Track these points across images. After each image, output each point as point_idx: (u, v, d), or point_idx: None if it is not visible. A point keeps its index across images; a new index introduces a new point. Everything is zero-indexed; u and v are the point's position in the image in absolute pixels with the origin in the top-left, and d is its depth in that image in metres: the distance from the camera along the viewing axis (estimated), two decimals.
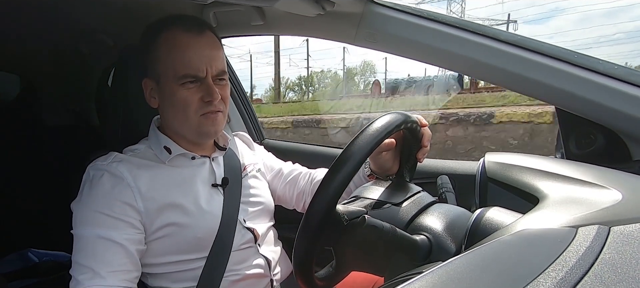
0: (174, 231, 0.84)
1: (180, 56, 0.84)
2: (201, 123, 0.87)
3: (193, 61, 0.84)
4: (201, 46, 0.85)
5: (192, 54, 0.84)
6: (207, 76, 0.85)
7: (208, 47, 0.86)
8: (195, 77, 0.84)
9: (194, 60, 0.84)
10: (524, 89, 0.88)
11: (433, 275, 0.38)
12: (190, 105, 0.85)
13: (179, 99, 0.85)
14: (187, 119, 0.87)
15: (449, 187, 0.78)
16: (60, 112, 1.90)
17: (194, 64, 0.84)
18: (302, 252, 0.59)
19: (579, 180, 0.56)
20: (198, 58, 0.84)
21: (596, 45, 26.78)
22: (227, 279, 0.88)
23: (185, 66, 0.84)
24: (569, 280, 0.33)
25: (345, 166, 0.58)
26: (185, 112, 0.86)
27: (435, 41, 0.90)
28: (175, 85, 0.85)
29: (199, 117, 0.86)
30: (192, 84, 0.85)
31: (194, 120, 0.86)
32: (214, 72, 0.86)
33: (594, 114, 0.81)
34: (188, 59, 0.84)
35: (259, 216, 0.98)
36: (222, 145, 0.99)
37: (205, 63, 0.84)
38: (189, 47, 0.84)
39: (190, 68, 0.84)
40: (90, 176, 0.84)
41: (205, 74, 0.85)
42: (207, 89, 0.85)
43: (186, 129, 0.89)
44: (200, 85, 0.85)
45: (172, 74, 0.84)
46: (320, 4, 0.92)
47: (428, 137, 0.83)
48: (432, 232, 0.63)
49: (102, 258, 0.76)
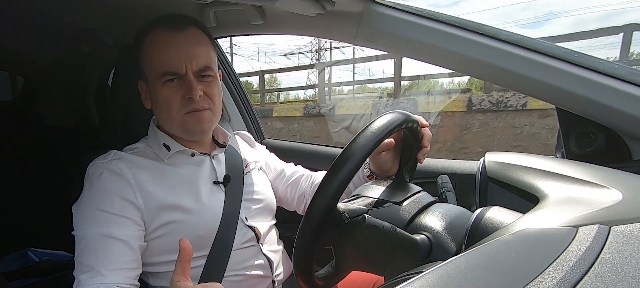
0: (174, 229, 0.84)
1: (159, 55, 0.84)
2: (186, 121, 0.87)
3: (172, 59, 0.84)
4: (180, 43, 0.85)
5: (171, 51, 0.84)
6: (187, 73, 0.84)
7: (188, 43, 0.85)
8: (174, 75, 0.84)
9: (172, 58, 0.84)
10: (524, 88, 0.88)
11: (433, 274, 0.38)
12: (173, 104, 0.85)
13: (162, 97, 0.85)
14: (171, 117, 0.87)
15: (449, 187, 0.78)
16: (60, 112, 1.90)
17: (173, 62, 0.84)
18: (303, 251, 0.59)
19: (579, 180, 0.56)
20: (177, 55, 0.84)
21: (591, 48, 26.80)
22: (227, 279, 0.88)
23: (165, 64, 0.84)
24: (569, 279, 0.33)
25: (345, 165, 0.58)
26: (168, 111, 0.86)
27: (436, 41, 0.90)
28: (158, 84, 0.85)
29: (182, 115, 0.86)
30: (172, 82, 0.84)
31: (177, 118, 0.86)
32: (195, 68, 0.85)
33: (595, 114, 0.81)
34: (167, 57, 0.84)
35: (260, 214, 0.98)
36: (222, 142, 0.99)
37: (185, 60, 0.84)
38: (167, 45, 0.84)
39: (169, 65, 0.84)
40: (90, 175, 0.84)
41: (184, 70, 0.84)
42: (188, 85, 0.84)
43: (173, 127, 0.89)
44: (182, 82, 0.85)
45: (155, 74, 0.85)
46: (321, 4, 0.92)
47: (428, 138, 0.83)
48: (432, 232, 0.63)
49: (104, 257, 0.76)
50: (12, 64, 1.79)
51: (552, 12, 56.83)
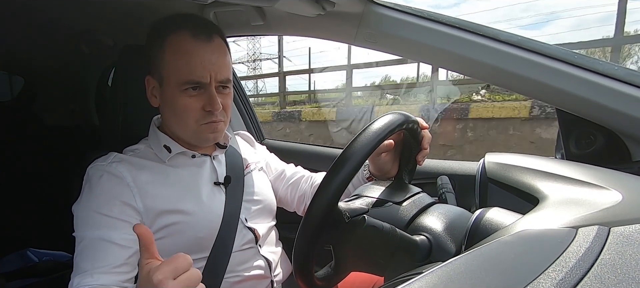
0: (174, 231, 0.84)
1: (185, 62, 0.82)
2: (201, 130, 0.86)
3: (198, 68, 0.82)
4: (208, 53, 0.83)
5: (198, 61, 0.82)
6: (210, 84, 0.83)
7: (214, 54, 0.84)
8: (198, 84, 0.83)
9: (198, 68, 0.82)
10: (524, 89, 0.88)
11: (433, 275, 0.38)
12: (191, 114, 0.84)
13: (180, 105, 0.84)
14: (186, 126, 0.86)
15: (449, 188, 0.78)
16: (60, 112, 1.90)
17: (198, 71, 0.82)
18: (302, 251, 0.59)
19: (579, 181, 0.56)
20: (203, 65, 0.82)
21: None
22: (227, 280, 0.88)
23: (190, 73, 0.82)
24: (569, 280, 0.33)
25: (346, 165, 0.59)
26: (185, 120, 0.85)
27: (435, 41, 0.90)
28: (177, 90, 0.83)
29: (199, 126, 0.86)
30: (194, 91, 0.84)
31: (193, 127, 0.86)
32: (218, 79, 0.84)
33: (594, 115, 0.81)
34: (193, 66, 0.82)
35: (260, 215, 0.98)
36: (223, 143, 0.99)
37: (210, 70, 0.83)
38: (195, 54, 0.82)
39: (193, 74, 0.82)
40: (90, 177, 0.83)
41: (208, 80, 0.83)
42: (209, 98, 0.83)
43: (185, 134, 0.89)
44: (203, 92, 0.84)
45: (175, 79, 0.83)
46: (321, 4, 0.92)
47: (428, 140, 0.83)
48: (432, 233, 0.63)
49: (101, 260, 0.76)
50: (12, 64, 1.79)
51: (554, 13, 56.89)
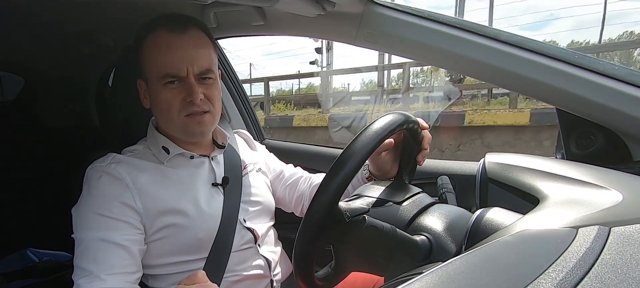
0: (173, 232, 0.84)
1: (161, 57, 0.84)
2: (186, 123, 0.86)
3: (173, 61, 0.83)
4: (182, 45, 0.84)
5: (173, 53, 0.83)
6: (188, 76, 0.84)
7: (190, 46, 0.85)
8: (175, 77, 0.84)
9: (174, 60, 0.83)
10: (524, 89, 0.88)
11: (433, 275, 0.38)
12: (173, 106, 0.85)
13: (162, 99, 0.85)
14: (171, 119, 0.86)
15: (449, 188, 0.78)
16: (61, 112, 1.90)
17: (175, 64, 0.83)
18: (303, 251, 0.59)
19: (580, 181, 0.56)
20: (178, 58, 0.83)
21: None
22: (227, 280, 0.88)
23: (166, 66, 0.83)
24: (569, 280, 0.33)
25: (346, 164, 0.59)
26: (168, 113, 0.86)
27: (435, 41, 0.90)
28: (159, 85, 0.84)
29: (183, 117, 0.86)
30: (173, 84, 0.84)
31: (177, 121, 0.86)
32: (196, 71, 0.85)
33: (595, 115, 0.81)
34: (169, 59, 0.83)
35: (259, 216, 0.98)
36: (221, 143, 0.99)
37: (186, 62, 0.83)
38: (169, 47, 0.84)
39: (170, 68, 0.83)
40: (89, 178, 0.83)
41: (186, 73, 0.84)
42: (189, 88, 0.84)
43: (173, 130, 0.89)
44: (183, 85, 0.84)
45: (155, 75, 0.85)
46: (321, 4, 0.92)
47: (428, 140, 0.83)
48: (432, 233, 0.63)
49: (103, 261, 0.76)
50: (12, 65, 1.79)
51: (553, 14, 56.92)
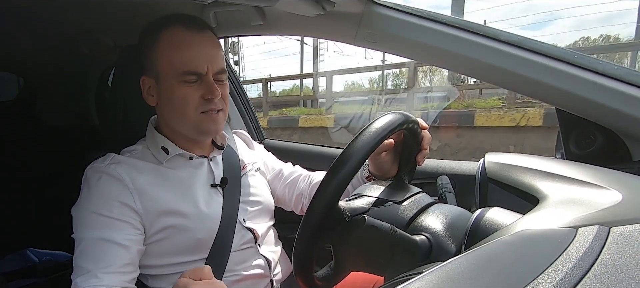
0: (173, 233, 0.84)
1: (181, 54, 0.84)
2: (201, 120, 0.87)
3: (194, 58, 0.84)
4: (202, 44, 0.85)
5: (194, 51, 0.84)
6: (208, 73, 0.85)
7: (209, 45, 0.86)
8: (196, 74, 0.84)
9: (195, 58, 0.84)
10: (524, 89, 0.88)
11: (433, 275, 0.38)
12: (190, 103, 0.85)
13: (179, 96, 0.85)
14: (186, 116, 0.86)
15: (449, 187, 0.78)
16: (60, 112, 1.90)
17: (195, 62, 0.84)
18: (303, 251, 0.59)
19: (579, 181, 0.56)
20: (199, 55, 0.84)
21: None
22: (226, 279, 0.88)
23: (186, 63, 0.83)
24: (569, 280, 0.33)
25: (346, 164, 0.59)
26: (184, 110, 0.86)
27: (435, 41, 0.90)
28: (175, 82, 0.84)
29: (199, 114, 0.86)
30: (192, 81, 0.84)
31: (193, 117, 0.86)
32: (215, 69, 0.86)
33: (594, 114, 0.81)
34: (189, 56, 0.84)
35: (258, 215, 0.98)
36: (220, 144, 0.99)
37: (206, 60, 0.84)
38: (190, 45, 0.84)
39: (191, 65, 0.84)
40: (88, 178, 0.83)
41: (206, 71, 0.85)
42: (208, 86, 0.85)
43: (185, 127, 0.89)
44: (201, 83, 0.85)
45: (172, 72, 0.84)
46: (321, 4, 0.92)
47: (428, 140, 0.83)
48: (432, 232, 0.63)
49: (101, 259, 0.76)
50: (12, 65, 1.79)
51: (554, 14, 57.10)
